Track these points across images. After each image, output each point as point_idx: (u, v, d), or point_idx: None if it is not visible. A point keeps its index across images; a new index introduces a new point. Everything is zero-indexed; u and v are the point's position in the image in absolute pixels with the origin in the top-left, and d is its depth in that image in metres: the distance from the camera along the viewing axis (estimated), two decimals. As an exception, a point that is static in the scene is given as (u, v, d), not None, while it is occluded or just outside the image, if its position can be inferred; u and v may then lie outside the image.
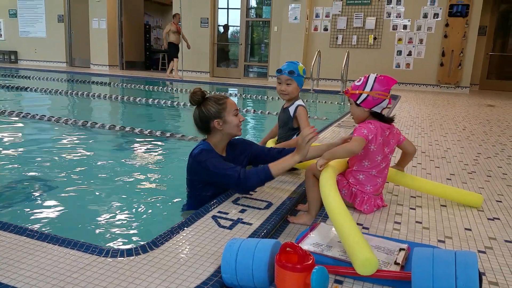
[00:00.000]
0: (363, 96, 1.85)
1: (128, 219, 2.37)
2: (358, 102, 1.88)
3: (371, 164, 1.91)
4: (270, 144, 2.73)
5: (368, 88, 1.84)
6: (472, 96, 9.44)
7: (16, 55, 15.13)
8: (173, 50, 11.18)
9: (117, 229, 2.22)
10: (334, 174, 1.78)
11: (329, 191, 1.62)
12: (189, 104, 2.13)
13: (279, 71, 2.62)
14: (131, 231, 2.22)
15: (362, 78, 1.89)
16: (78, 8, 13.91)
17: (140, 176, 3.16)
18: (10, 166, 3.30)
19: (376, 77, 1.85)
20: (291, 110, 2.61)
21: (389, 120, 1.92)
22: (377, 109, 1.87)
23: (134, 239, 2.10)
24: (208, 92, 2.12)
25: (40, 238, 1.52)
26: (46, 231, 1.61)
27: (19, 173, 3.11)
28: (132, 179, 3.08)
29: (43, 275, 1.28)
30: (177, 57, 11.22)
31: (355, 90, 1.88)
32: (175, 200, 2.57)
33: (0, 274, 1.28)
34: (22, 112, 5.31)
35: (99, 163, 3.52)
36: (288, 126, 2.65)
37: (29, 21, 14.70)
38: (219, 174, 1.95)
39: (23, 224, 1.67)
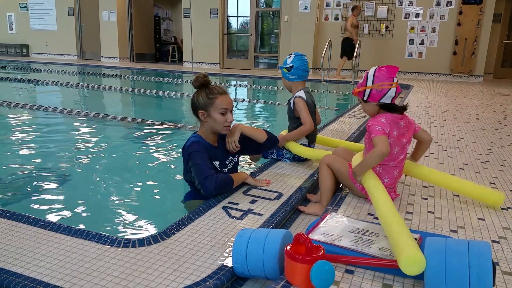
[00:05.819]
0: (367, 91, 1.86)
1: (139, 209, 2.38)
2: (364, 98, 1.89)
3: (390, 157, 1.89)
4: (283, 133, 2.73)
5: (369, 83, 1.85)
6: (486, 85, 9.27)
7: (27, 49, 15.27)
8: (348, 47, 9.40)
9: (129, 219, 2.24)
10: (375, 174, 1.85)
11: (376, 188, 1.68)
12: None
13: None
14: (143, 222, 2.23)
15: (364, 74, 1.90)
16: (88, 1, 13.95)
17: (152, 166, 3.18)
18: (23, 157, 3.35)
19: (376, 69, 1.85)
20: (291, 102, 2.63)
21: (401, 109, 1.89)
22: (385, 100, 1.84)
23: (146, 229, 2.12)
24: (215, 83, 2.09)
25: (53, 229, 1.54)
26: (58, 222, 1.62)
27: (32, 165, 3.15)
28: (143, 170, 3.10)
29: (56, 265, 1.30)
30: (349, 58, 9.42)
31: (359, 88, 1.90)
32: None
33: (14, 264, 1.30)
34: (35, 105, 5.37)
35: (110, 154, 3.55)
36: (292, 118, 2.67)
37: (40, 14, 14.80)
38: (195, 172, 1.98)
39: (36, 215, 1.69)
